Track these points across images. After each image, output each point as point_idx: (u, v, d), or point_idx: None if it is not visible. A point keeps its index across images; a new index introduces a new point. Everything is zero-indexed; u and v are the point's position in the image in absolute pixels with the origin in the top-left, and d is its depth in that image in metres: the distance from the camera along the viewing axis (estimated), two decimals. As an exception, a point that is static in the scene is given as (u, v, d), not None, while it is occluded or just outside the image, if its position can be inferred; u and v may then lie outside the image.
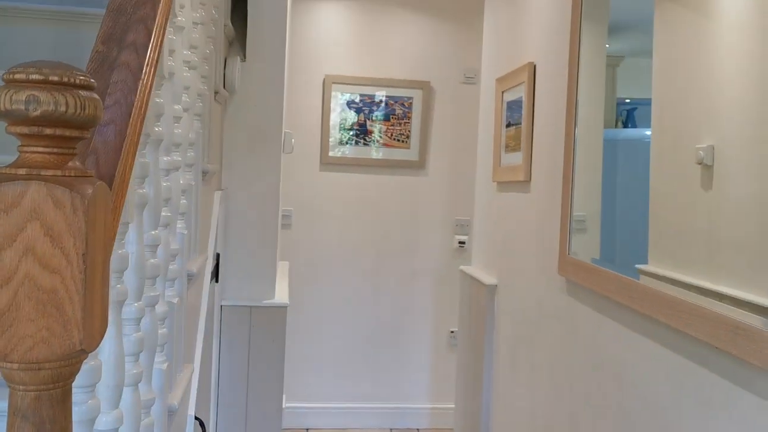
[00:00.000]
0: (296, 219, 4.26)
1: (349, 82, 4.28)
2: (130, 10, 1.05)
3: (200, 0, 1.73)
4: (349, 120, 4.31)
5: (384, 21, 4.30)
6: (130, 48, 0.99)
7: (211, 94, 1.95)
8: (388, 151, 4.35)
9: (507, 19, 3.19)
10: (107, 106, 0.91)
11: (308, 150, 4.25)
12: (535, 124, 2.74)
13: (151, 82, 1.01)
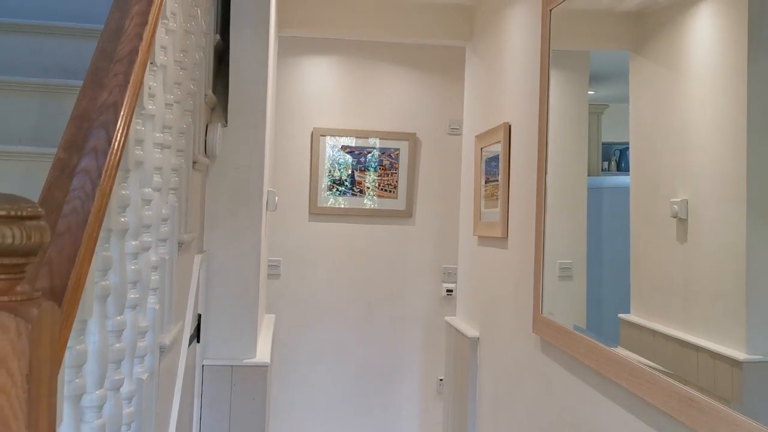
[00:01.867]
0: (285, 268, 4.31)
1: (338, 134, 4.37)
2: (93, 116, 1.12)
3: (175, 80, 1.81)
4: (338, 171, 4.39)
5: (371, 74, 4.40)
6: (90, 155, 1.05)
7: (188, 166, 2.02)
8: (376, 201, 4.42)
9: (485, 80, 3.28)
10: (64, 214, 0.97)
11: (297, 200, 4.32)
12: (511, 181, 2.81)
13: (111, 185, 1.08)
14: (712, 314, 1.48)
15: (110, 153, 1.08)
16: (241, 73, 2.63)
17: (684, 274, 1.58)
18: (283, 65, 4.30)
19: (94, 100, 1.15)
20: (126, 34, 1.28)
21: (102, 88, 1.17)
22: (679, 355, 1.59)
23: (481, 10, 3.42)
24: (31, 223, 0.76)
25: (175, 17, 1.76)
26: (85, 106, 1.14)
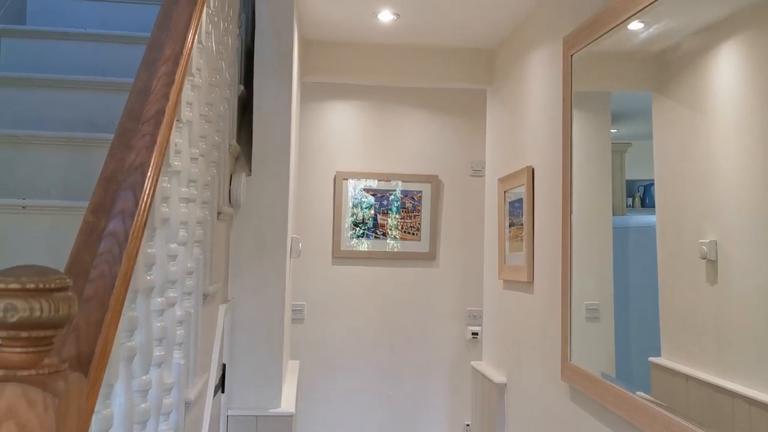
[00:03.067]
0: (309, 313, 4.30)
1: (360, 177, 4.39)
2: (121, 177, 1.13)
3: (200, 134, 1.83)
4: (360, 214, 4.39)
5: (392, 117, 4.44)
6: (117, 217, 1.06)
7: (213, 218, 2.03)
8: (400, 244, 4.41)
9: (507, 124, 3.29)
10: (92, 279, 0.97)
11: (320, 244, 4.33)
12: (535, 225, 2.79)
13: (138, 246, 1.08)
14: (746, 358, 1.43)
15: (137, 215, 1.08)
16: (265, 122, 2.66)
17: (715, 316, 1.54)
18: (306, 110, 4.35)
19: (122, 161, 1.16)
20: (153, 95, 1.30)
21: (130, 149, 1.19)
22: (713, 401, 1.54)
23: (501, 54, 3.44)
24: (59, 294, 0.76)
25: (200, 72, 1.78)
26: (113, 167, 1.15)
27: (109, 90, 2.47)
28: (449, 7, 2.99)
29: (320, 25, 3.29)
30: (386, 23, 3.23)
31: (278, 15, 2.72)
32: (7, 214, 1.97)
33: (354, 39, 3.51)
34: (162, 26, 1.51)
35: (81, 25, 2.86)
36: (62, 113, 2.43)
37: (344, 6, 3.03)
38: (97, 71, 2.65)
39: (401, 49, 3.59)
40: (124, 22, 2.94)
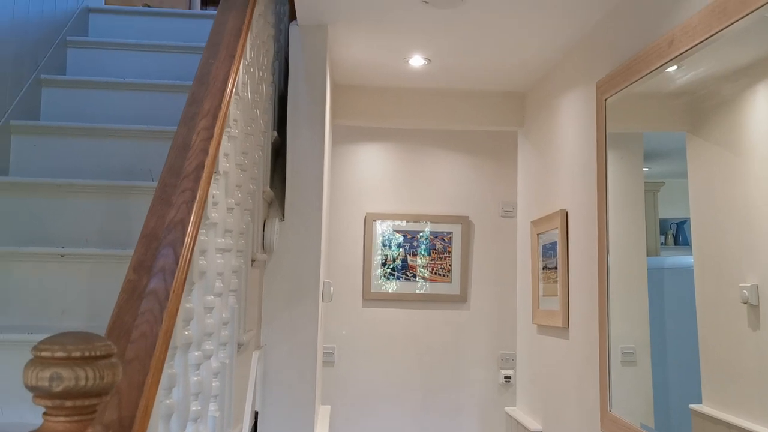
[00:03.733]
0: (339, 356, 4.26)
1: (390, 218, 4.38)
2: (161, 234, 1.14)
3: (236, 183, 1.84)
4: (391, 256, 4.38)
5: (422, 159, 4.45)
6: (158, 275, 1.06)
7: (247, 266, 2.04)
8: (430, 286, 4.37)
9: (538, 166, 3.27)
10: (133, 340, 0.97)
11: (350, 286, 4.31)
12: (570, 269, 2.75)
13: (178, 304, 1.08)
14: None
15: (177, 272, 1.09)
16: (298, 167, 2.68)
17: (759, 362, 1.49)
18: (336, 152, 4.38)
19: (163, 218, 1.17)
20: (193, 150, 1.32)
21: (170, 205, 1.20)
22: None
23: (532, 97, 3.45)
24: (104, 362, 0.76)
25: (236, 123, 1.81)
26: (154, 224, 1.16)
27: (146, 138, 2.51)
28: (480, 51, 3.01)
29: (351, 70, 3.33)
30: (417, 68, 3.26)
31: (311, 62, 2.76)
32: (47, 263, 2.00)
33: (385, 83, 3.54)
34: (201, 81, 1.54)
35: (119, 74, 2.93)
36: (100, 161, 2.48)
37: (376, 52, 3.07)
38: (134, 119, 2.71)
39: (432, 93, 3.61)
40: (160, 71, 3.01)
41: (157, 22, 3.41)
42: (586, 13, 2.53)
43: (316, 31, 2.76)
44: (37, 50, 2.68)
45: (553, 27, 2.69)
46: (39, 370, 0.73)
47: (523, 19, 2.62)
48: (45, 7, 2.77)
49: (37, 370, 0.73)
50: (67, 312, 1.99)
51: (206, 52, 1.65)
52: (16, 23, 2.50)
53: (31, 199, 2.23)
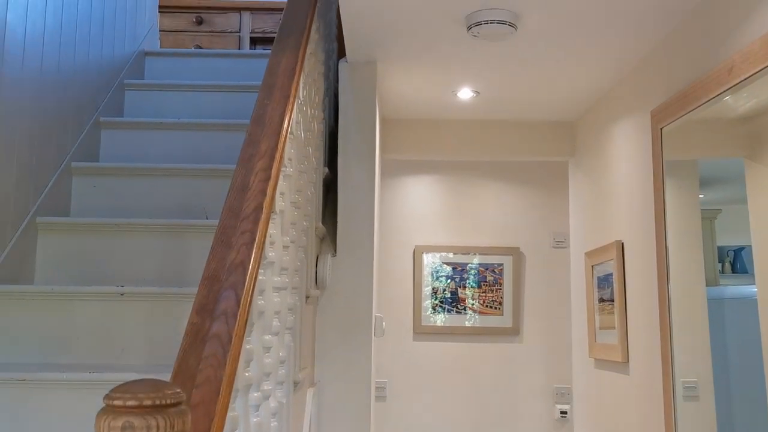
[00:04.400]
0: (391, 390, 4.22)
1: (440, 250, 4.36)
2: (222, 276, 1.15)
3: (291, 221, 1.86)
4: (441, 288, 4.34)
5: (471, 190, 4.43)
6: (221, 318, 1.07)
7: (302, 303, 2.04)
8: (481, 318, 4.32)
9: (591, 196, 3.22)
10: (198, 384, 0.97)
11: (400, 319, 4.28)
12: (628, 302, 2.68)
13: (240, 346, 1.08)
14: None
15: (239, 315, 1.09)
16: (349, 203, 2.69)
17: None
18: (384, 185, 4.40)
19: (223, 260, 1.18)
20: (251, 191, 1.33)
21: (230, 247, 1.21)
22: None
23: (582, 126, 3.41)
24: (173, 410, 0.76)
25: (291, 162, 1.82)
26: (215, 266, 1.17)
27: (200, 176, 2.56)
28: (530, 82, 3.00)
29: (400, 104, 3.35)
30: (465, 100, 3.26)
31: (361, 98, 2.79)
32: (107, 301, 2.04)
33: (433, 116, 3.55)
34: (257, 121, 1.56)
35: (174, 114, 3.01)
36: (157, 200, 2.53)
37: (424, 86, 3.08)
38: (188, 158, 2.76)
39: (480, 124, 3.61)
40: (213, 110, 3.07)
41: (209, 62, 3.50)
42: (637, 41, 2.50)
43: (365, 67, 2.79)
44: (97, 94, 2.78)
45: (604, 56, 2.66)
46: (111, 419, 0.73)
47: (574, 50, 2.60)
48: (104, 52, 2.87)
49: (109, 419, 0.73)
50: (127, 350, 2.02)
51: (261, 92, 1.68)
52: (78, 68, 2.60)
53: (91, 238, 2.28)
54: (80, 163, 2.52)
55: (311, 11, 2.13)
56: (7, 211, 2.08)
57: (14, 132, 2.12)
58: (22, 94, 2.18)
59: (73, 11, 2.55)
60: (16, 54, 2.14)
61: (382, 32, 2.51)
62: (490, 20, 2.22)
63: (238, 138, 2.77)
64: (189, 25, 4.90)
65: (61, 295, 2.02)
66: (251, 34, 4.95)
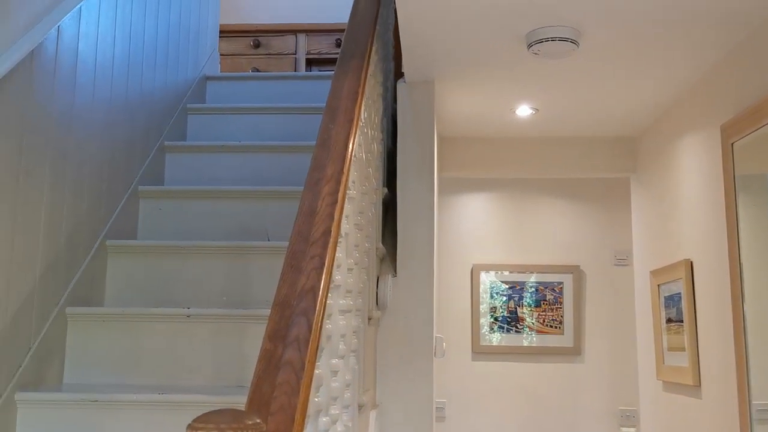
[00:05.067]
0: (450, 411, 4.17)
1: (498, 269, 4.31)
2: (293, 302, 1.15)
3: (355, 243, 1.86)
4: (499, 307, 4.29)
5: (529, 208, 4.37)
6: (293, 345, 1.07)
7: (365, 324, 2.03)
8: (541, 338, 4.24)
9: (655, 213, 3.13)
10: (272, 412, 0.97)
11: (459, 339, 4.24)
12: (698, 323, 2.59)
13: (312, 372, 1.08)
14: None
15: (311, 341, 1.09)
16: (409, 223, 2.69)
17: None
18: (441, 204, 4.38)
19: (294, 285, 1.18)
20: (319, 215, 1.34)
21: (300, 272, 1.21)
22: None
23: (644, 141, 3.33)
24: (255, 440, 0.76)
25: (354, 184, 1.83)
26: (286, 292, 1.18)
27: (261, 197, 2.59)
28: (590, 98, 2.95)
29: (457, 122, 3.33)
30: (524, 117, 3.22)
31: (419, 117, 2.79)
32: (174, 323, 2.07)
33: (490, 134, 3.52)
34: (322, 145, 1.57)
35: (235, 137, 3.05)
36: (219, 222, 2.57)
37: (482, 104, 3.07)
38: (249, 180, 2.80)
39: (538, 141, 3.56)
40: (272, 131, 3.11)
41: (267, 85, 3.56)
42: (703, 54, 2.43)
43: (424, 87, 2.79)
44: (162, 118, 2.85)
45: (668, 71, 2.60)
46: (195, 449, 0.73)
47: (636, 64, 2.55)
48: (168, 78, 2.95)
49: (192, 449, 0.73)
50: (193, 371, 2.04)
51: (326, 116, 1.69)
52: (145, 94, 2.67)
53: (158, 260, 2.33)
54: (147, 187, 2.58)
55: (371, 34, 2.15)
56: (79, 234, 2.14)
57: (86, 157, 2.19)
58: (93, 121, 2.25)
59: (140, 40, 2.63)
60: (87, 82, 2.21)
61: (441, 52, 2.51)
62: (552, 38, 2.20)
63: (297, 159, 2.80)
64: (246, 49, 5.00)
65: (130, 317, 2.07)
66: (307, 55, 5.01)
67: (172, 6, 3.02)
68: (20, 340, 1.83)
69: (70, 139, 2.09)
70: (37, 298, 1.91)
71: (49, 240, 1.96)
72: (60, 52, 2.03)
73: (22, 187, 1.83)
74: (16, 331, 1.80)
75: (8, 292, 1.77)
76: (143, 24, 2.67)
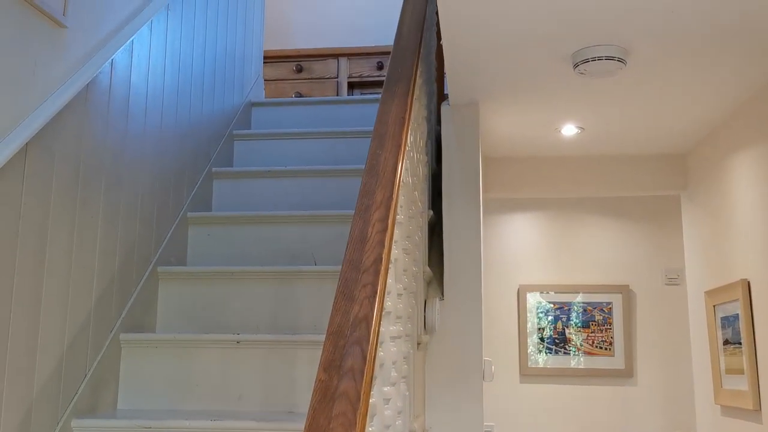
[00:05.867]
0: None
1: (545, 289, 4.24)
2: (347, 332, 1.15)
3: (403, 268, 1.85)
4: (547, 329, 4.22)
5: (575, 227, 4.30)
6: (348, 376, 1.06)
7: (414, 349, 2.02)
8: (591, 360, 4.15)
9: (709, 231, 3.05)
10: (330, 445, 0.97)
11: (506, 361, 4.18)
12: (758, 344, 2.50)
13: (367, 403, 1.07)
14: None
15: (366, 371, 1.08)
16: (455, 245, 2.67)
17: None
18: (486, 224, 4.34)
19: (347, 314, 1.18)
20: (369, 243, 1.34)
21: (352, 300, 1.21)
22: None
23: (694, 158, 3.26)
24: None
25: (402, 209, 1.82)
26: (339, 321, 1.17)
27: (307, 222, 2.60)
28: (638, 116, 2.90)
29: (501, 142, 3.31)
30: (569, 136, 3.19)
31: (464, 139, 2.78)
32: (225, 349, 2.09)
33: (535, 153, 3.49)
34: (371, 172, 1.57)
35: (280, 162, 3.09)
36: (267, 247, 2.59)
37: (526, 124, 3.04)
38: (295, 205, 2.82)
39: (584, 160, 3.51)
40: (316, 156, 3.13)
41: (310, 110, 3.60)
42: (754, 69, 2.38)
43: (468, 109, 2.78)
44: (209, 145, 2.90)
45: (718, 86, 2.55)
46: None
47: (685, 80, 2.50)
48: (215, 105, 3.00)
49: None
50: (244, 397, 2.05)
51: (373, 142, 1.69)
52: (193, 122, 2.72)
53: (207, 286, 2.35)
54: (195, 213, 2.62)
55: (416, 58, 2.15)
56: (131, 261, 2.18)
57: (138, 185, 2.24)
58: (145, 149, 2.30)
59: (189, 69, 2.69)
60: (139, 112, 2.26)
61: (485, 75, 2.50)
62: (598, 57, 2.17)
63: (342, 182, 2.81)
64: (289, 73, 5.07)
65: (182, 343, 2.09)
66: (348, 78, 5.06)
67: (219, 35, 3.08)
68: (77, 367, 1.86)
69: (123, 167, 2.14)
70: (93, 325, 1.94)
71: (103, 267, 2.00)
72: (114, 83, 2.08)
73: (78, 216, 1.88)
74: (73, 358, 1.84)
75: (66, 321, 1.81)
76: (191, 54, 2.72)
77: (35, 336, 1.68)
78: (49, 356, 1.74)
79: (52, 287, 1.75)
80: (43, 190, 1.73)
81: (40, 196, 1.72)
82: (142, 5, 2.30)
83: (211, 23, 2.97)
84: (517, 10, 2.01)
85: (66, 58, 1.86)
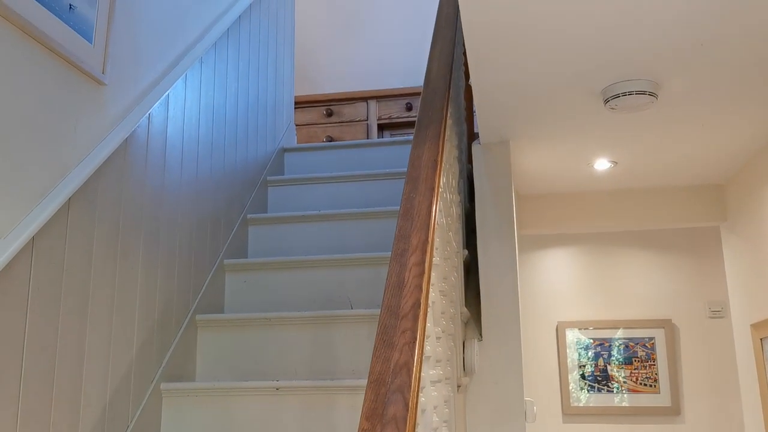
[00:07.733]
0: (542, 477, 4.00)
1: (585, 326, 4.17)
2: (388, 379, 1.14)
3: (441, 311, 1.84)
4: (588, 366, 4.13)
5: (612, 261, 4.24)
6: (390, 425, 1.05)
7: (455, 392, 1.99)
8: (635, 398, 4.04)
9: (751, 262, 2.99)
10: (376, 496, 0.95)
11: (547, 400, 4.09)
12: (810, 379, 2.41)
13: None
14: None
15: (408, 419, 1.07)
16: (491, 284, 2.65)
17: None
18: (521, 261, 4.30)
19: (388, 361, 1.18)
20: (407, 288, 1.33)
21: (392, 347, 1.20)
22: None
23: (734, 188, 3.20)
24: None
25: (437, 251, 1.82)
26: (380, 368, 1.17)
27: (342, 265, 2.60)
28: (672, 148, 2.87)
29: (533, 179, 3.30)
30: (602, 171, 3.17)
31: (496, 178, 2.78)
32: (264, 396, 2.08)
33: (569, 189, 3.47)
34: (406, 216, 1.58)
35: (314, 206, 3.11)
36: (302, 292, 2.60)
37: (558, 161, 3.03)
38: (329, 249, 2.83)
39: (619, 193, 3.48)
40: (349, 199, 3.16)
41: (341, 153, 3.63)
42: (791, 97, 2.35)
43: (499, 147, 2.78)
44: (244, 192, 2.94)
45: (753, 116, 2.51)
46: None
47: (719, 111, 2.48)
48: (249, 153, 3.05)
49: None
50: (284, 444, 2.04)
51: (407, 186, 1.70)
52: (227, 170, 2.77)
53: (244, 333, 2.36)
54: (232, 260, 2.64)
55: (446, 100, 2.17)
56: (170, 310, 2.20)
57: (175, 235, 2.27)
58: (181, 199, 2.34)
59: (222, 119, 2.74)
60: (175, 163, 2.31)
61: (515, 113, 2.51)
62: (629, 92, 2.17)
63: (376, 224, 2.82)
64: (320, 118, 5.14)
65: (222, 391, 2.09)
66: (378, 120, 5.11)
67: (251, 85, 3.15)
68: (119, 419, 1.87)
69: (161, 218, 2.18)
70: (135, 375, 1.96)
71: (144, 318, 2.03)
72: (151, 136, 2.13)
73: (119, 268, 1.91)
74: (114, 410, 1.85)
75: (107, 373, 1.83)
76: (225, 104, 2.78)
77: (79, 390, 1.70)
78: (93, 409, 1.75)
79: (94, 340, 1.78)
80: (85, 243, 1.77)
81: (83, 250, 1.76)
82: (176, 59, 2.36)
83: (243, 74, 3.04)
84: (545, 50, 2.02)
85: (105, 115, 1.91)
